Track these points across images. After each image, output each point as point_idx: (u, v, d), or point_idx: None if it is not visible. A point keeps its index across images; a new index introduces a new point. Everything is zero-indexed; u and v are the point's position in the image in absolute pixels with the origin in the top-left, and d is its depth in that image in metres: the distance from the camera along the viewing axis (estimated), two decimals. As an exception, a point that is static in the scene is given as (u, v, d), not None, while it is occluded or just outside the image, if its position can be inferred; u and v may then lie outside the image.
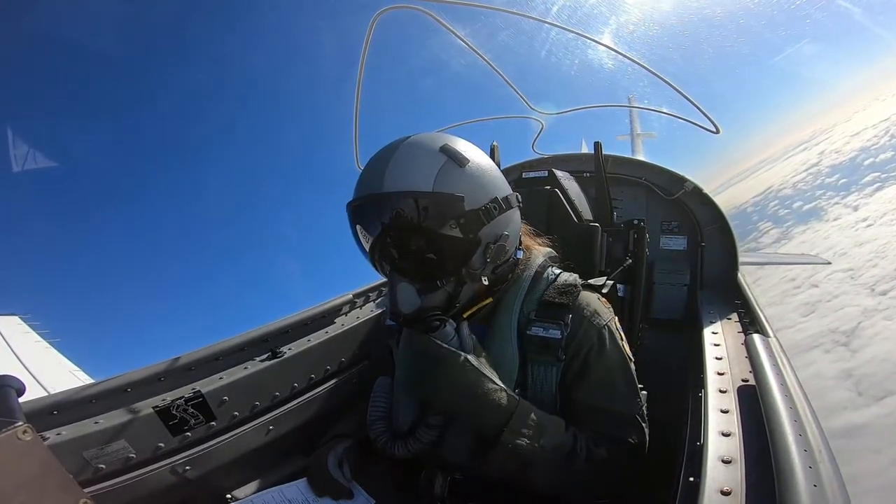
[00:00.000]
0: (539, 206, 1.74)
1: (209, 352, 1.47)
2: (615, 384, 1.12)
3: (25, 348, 6.69)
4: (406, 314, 1.04)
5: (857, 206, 35.95)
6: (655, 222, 2.53)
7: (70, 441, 1.14)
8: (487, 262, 1.07)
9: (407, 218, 0.98)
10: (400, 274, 1.04)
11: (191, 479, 1.32)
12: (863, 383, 14.97)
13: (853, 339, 18.03)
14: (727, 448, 0.94)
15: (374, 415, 1.19)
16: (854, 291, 22.01)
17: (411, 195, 0.98)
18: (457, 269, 1.05)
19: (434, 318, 1.03)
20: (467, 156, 1.05)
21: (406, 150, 1.03)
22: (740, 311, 1.86)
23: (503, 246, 1.09)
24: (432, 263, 1.03)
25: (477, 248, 1.04)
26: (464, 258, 1.04)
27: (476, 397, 1.00)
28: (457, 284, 1.07)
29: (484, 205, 1.04)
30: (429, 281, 1.05)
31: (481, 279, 1.09)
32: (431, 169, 1.00)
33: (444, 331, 1.03)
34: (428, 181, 0.99)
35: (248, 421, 1.48)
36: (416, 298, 1.04)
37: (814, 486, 0.71)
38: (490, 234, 1.06)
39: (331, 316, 1.85)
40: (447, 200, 1.00)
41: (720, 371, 1.30)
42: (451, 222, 1.00)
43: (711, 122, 2.11)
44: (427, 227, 0.99)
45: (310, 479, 1.17)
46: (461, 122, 2.81)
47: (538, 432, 1.01)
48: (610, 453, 1.08)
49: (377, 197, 1.01)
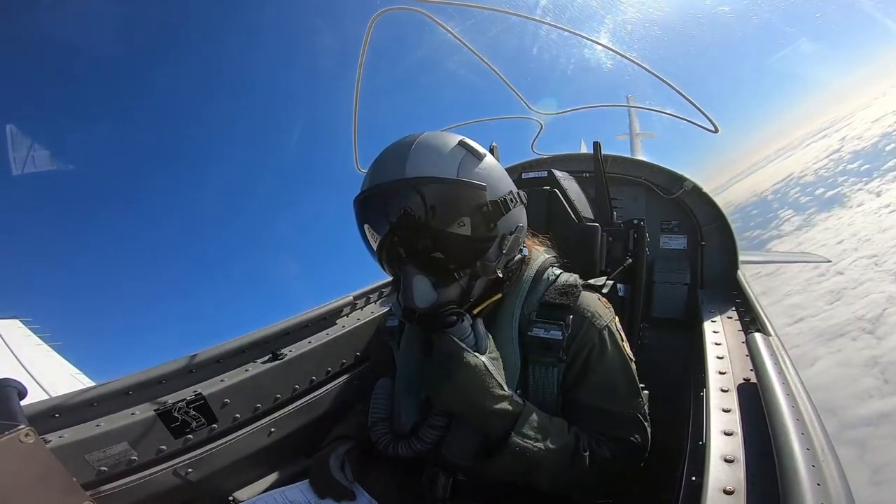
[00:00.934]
0: (539, 207, 1.74)
1: (210, 354, 1.47)
2: (616, 385, 1.12)
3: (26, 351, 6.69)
4: (422, 309, 1.02)
5: (879, 192, 35.33)
6: (655, 222, 2.53)
7: (72, 444, 1.14)
8: (503, 254, 1.07)
9: (431, 206, 0.97)
10: (415, 267, 1.01)
11: (193, 482, 1.32)
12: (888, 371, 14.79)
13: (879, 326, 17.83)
14: (729, 447, 0.94)
15: (375, 416, 1.19)
16: (879, 278, 21.73)
17: (439, 181, 0.98)
18: (474, 260, 1.04)
19: (451, 313, 1.01)
20: (482, 151, 1.07)
21: (426, 142, 1.03)
22: (741, 309, 1.86)
23: (518, 238, 1.10)
24: (451, 253, 1.01)
25: (494, 240, 1.05)
26: (482, 249, 1.04)
27: (485, 401, 0.99)
28: (471, 278, 1.06)
29: (502, 196, 1.05)
30: (445, 274, 1.03)
31: (495, 272, 1.08)
32: (454, 159, 1.02)
33: (461, 326, 1.02)
34: (452, 170, 1.00)
35: (250, 423, 1.48)
36: (433, 292, 1.02)
37: (817, 484, 0.71)
38: (506, 225, 1.06)
39: (332, 317, 1.85)
40: (473, 188, 1.01)
41: (721, 370, 1.30)
42: (473, 211, 1.00)
43: (710, 122, 2.11)
44: (451, 216, 0.99)
45: (312, 481, 1.17)
46: (461, 123, 2.81)
47: (543, 434, 1.01)
48: (613, 453, 1.08)
49: (402, 182, 0.99)
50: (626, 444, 1.11)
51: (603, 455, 1.07)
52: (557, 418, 1.08)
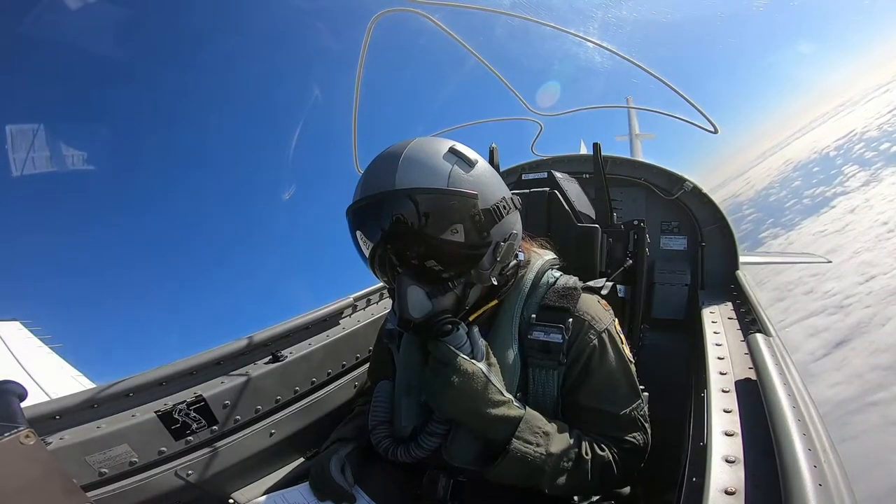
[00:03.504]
0: (539, 208, 1.74)
1: (211, 356, 1.47)
2: (617, 387, 1.12)
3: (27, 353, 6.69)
4: (417, 319, 1.01)
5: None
6: (655, 222, 2.53)
7: (73, 446, 1.14)
8: (497, 261, 1.06)
9: (423, 215, 0.96)
10: (409, 277, 1.01)
11: (193, 483, 1.32)
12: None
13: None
14: (731, 448, 0.94)
15: (375, 419, 1.19)
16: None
17: (428, 192, 0.97)
18: (469, 268, 1.04)
19: (446, 322, 1.01)
20: (473, 158, 1.06)
21: (416, 150, 1.02)
22: (741, 310, 1.86)
23: (511, 245, 1.09)
24: (445, 262, 1.00)
25: (488, 248, 1.04)
26: (476, 258, 1.03)
27: (484, 407, 0.99)
28: (465, 286, 1.05)
29: (494, 204, 1.04)
30: (439, 283, 1.03)
31: (490, 279, 1.08)
32: (444, 168, 1.00)
33: (457, 334, 1.02)
34: (442, 180, 0.99)
35: (250, 425, 1.48)
36: (427, 302, 1.02)
37: (819, 485, 0.71)
38: (499, 232, 1.06)
39: (332, 319, 1.85)
40: (464, 197, 0.99)
41: (722, 371, 1.30)
42: (465, 220, 0.99)
43: (710, 123, 2.11)
44: (442, 224, 0.98)
45: (312, 483, 1.17)
46: (460, 125, 2.81)
47: (544, 440, 1.01)
48: (614, 455, 1.09)
49: (390, 194, 0.98)
50: (627, 444, 1.11)
51: (604, 458, 1.07)
52: (558, 422, 1.08)
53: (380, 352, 1.44)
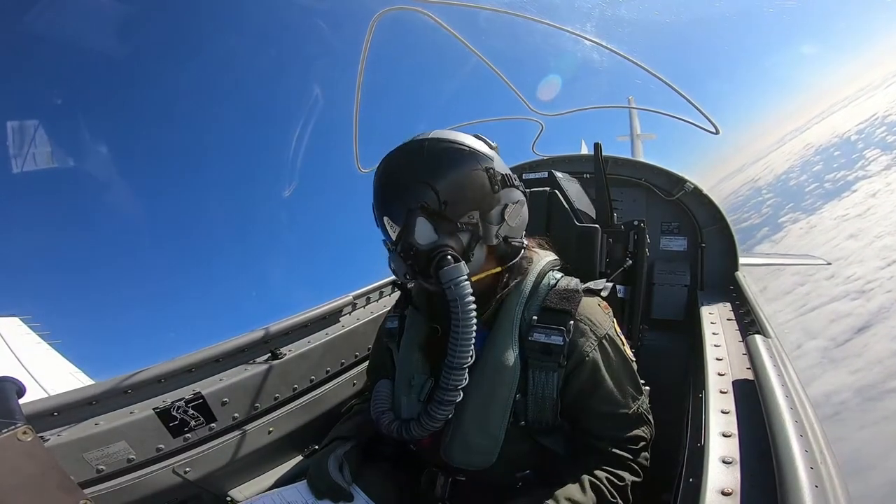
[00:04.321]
0: (539, 208, 1.74)
1: (209, 353, 1.47)
2: (622, 389, 1.13)
3: (25, 350, 6.69)
4: (421, 246, 1.01)
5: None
6: (655, 223, 2.53)
7: (70, 442, 1.14)
8: (504, 220, 1.08)
9: (449, 159, 1.03)
10: (421, 212, 1.01)
11: (191, 481, 1.32)
12: None
13: None
14: (728, 449, 0.94)
15: (379, 409, 1.19)
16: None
17: (455, 142, 1.05)
18: (476, 207, 1.04)
19: (448, 253, 1.00)
20: (493, 145, 1.14)
21: (439, 133, 1.07)
22: (740, 311, 1.86)
23: (519, 210, 1.12)
24: (459, 199, 1.02)
25: (497, 203, 1.07)
26: (487, 203, 1.06)
27: None
28: (472, 238, 1.05)
29: (506, 173, 1.11)
30: (448, 222, 1.02)
31: (494, 238, 1.08)
32: (469, 138, 1.10)
33: (459, 266, 0.99)
34: (467, 141, 1.08)
35: (249, 422, 1.48)
36: (434, 234, 1.02)
37: (815, 486, 0.71)
38: (509, 197, 1.10)
39: (331, 317, 1.85)
40: (484, 154, 1.07)
41: (721, 371, 1.30)
42: (483, 171, 1.05)
43: (711, 123, 2.11)
44: (464, 169, 1.03)
45: (310, 482, 1.17)
46: (462, 124, 2.81)
47: None
48: (628, 465, 1.09)
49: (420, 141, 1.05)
50: (637, 440, 1.12)
51: (623, 481, 1.07)
52: (576, 486, 1.05)
53: (379, 350, 1.44)
